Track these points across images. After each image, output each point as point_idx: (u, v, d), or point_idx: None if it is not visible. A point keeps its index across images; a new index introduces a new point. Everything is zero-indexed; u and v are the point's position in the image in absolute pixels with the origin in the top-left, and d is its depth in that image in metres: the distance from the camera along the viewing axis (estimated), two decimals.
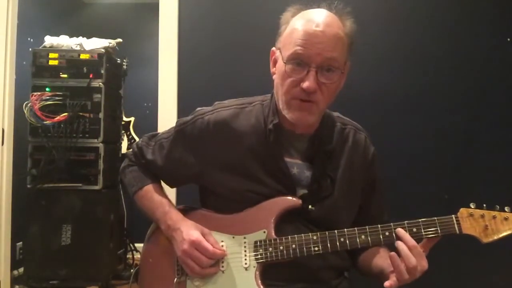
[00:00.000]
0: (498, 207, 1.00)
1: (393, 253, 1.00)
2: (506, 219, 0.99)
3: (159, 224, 1.19)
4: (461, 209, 1.01)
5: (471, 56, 2.19)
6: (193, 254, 1.06)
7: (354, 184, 1.18)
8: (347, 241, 1.04)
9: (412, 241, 0.99)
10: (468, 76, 2.18)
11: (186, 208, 1.23)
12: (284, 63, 1.04)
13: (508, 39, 2.17)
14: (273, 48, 1.13)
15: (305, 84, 1.01)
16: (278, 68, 1.09)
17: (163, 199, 1.22)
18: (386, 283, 0.99)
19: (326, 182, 1.13)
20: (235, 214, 1.14)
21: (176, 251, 1.11)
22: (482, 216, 1.00)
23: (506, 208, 1.00)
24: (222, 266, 1.09)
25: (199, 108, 1.22)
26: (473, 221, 1.00)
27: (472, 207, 1.01)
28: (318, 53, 1.01)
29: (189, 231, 1.09)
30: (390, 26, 2.21)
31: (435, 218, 1.01)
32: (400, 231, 1.01)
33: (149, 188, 1.24)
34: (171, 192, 1.31)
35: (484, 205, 1.01)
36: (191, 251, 1.06)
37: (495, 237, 0.99)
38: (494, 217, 0.99)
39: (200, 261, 1.06)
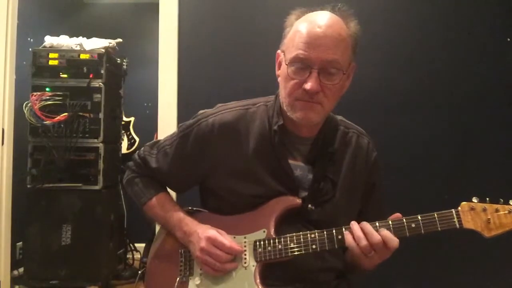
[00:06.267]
0: (502, 200, 0.98)
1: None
2: (510, 212, 0.96)
3: (174, 232, 1.18)
4: (462, 203, 0.99)
5: (471, 56, 2.19)
6: (211, 250, 1.06)
7: (355, 188, 1.18)
8: (345, 239, 1.03)
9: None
10: (468, 76, 2.18)
11: (187, 210, 1.23)
12: (286, 65, 1.05)
13: (508, 39, 2.17)
14: (278, 51, 1.13)
15: (307, 86, 1.01)
16: (282, 70, 1.09)
17: (175, 206, 1.22)
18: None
19: (327, 184, 1.14)
20: (236, 215, 1.14)
21: (194, 253, 1.11)
22: (484, 209, 0.97)
23: (511, 202, 0.97)
24: None
25: (201, 111, 1.21)
26: (474, 215, 0.98)
27: (475, 201, 0.99)
28: (319, 55, 1.01)
29: (206, 230, 1.10)
30: (389, 26, 2.21)
31: (435, 213, 1.00)
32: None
33: (159, 197, 1.23)
34: (170, 193, 1.30)
35: (488, 198, 0.99)
36: (209, 248, 1.07)
37: (499, 231, 0.96)
38: (497, 210, 0.97)
39: (219, 257, 1.06)
